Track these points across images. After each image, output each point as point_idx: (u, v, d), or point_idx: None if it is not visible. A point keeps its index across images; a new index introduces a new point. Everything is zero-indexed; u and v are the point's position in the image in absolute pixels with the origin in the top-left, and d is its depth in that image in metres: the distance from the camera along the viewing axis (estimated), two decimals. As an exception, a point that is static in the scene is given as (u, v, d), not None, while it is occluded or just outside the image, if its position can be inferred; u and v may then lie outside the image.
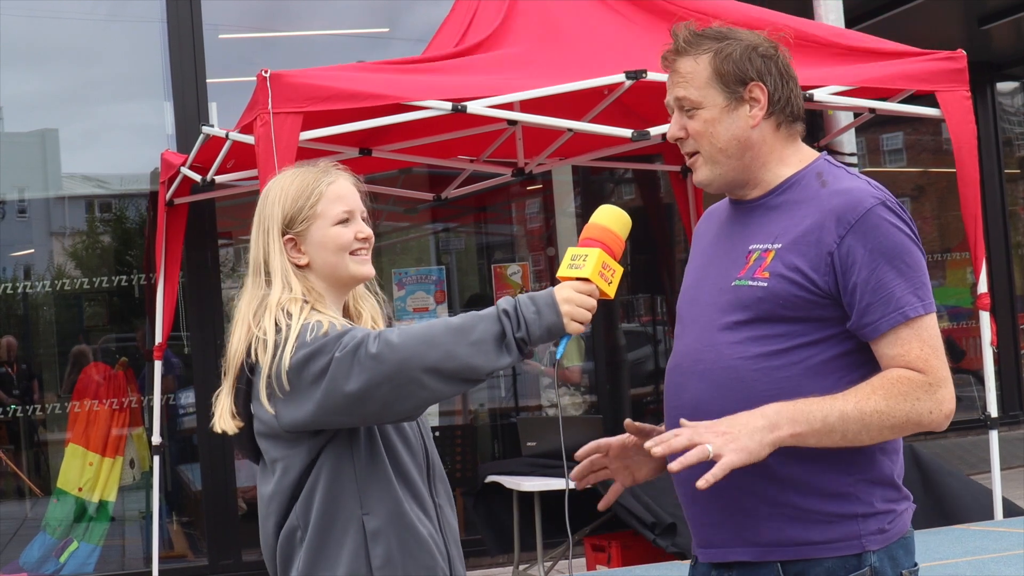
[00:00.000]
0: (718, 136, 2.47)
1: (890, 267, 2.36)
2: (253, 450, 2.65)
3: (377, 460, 2.57)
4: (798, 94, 2.52)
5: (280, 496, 2.57)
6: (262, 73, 5.00)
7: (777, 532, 2.40)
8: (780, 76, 2.49)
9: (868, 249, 2.35)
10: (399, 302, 8.56)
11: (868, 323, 2.36)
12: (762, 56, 2.48)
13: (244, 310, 2.61)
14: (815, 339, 2.40)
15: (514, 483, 6.28)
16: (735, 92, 2.45)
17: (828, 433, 2.32)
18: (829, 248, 2.37)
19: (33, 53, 8.26)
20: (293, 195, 2.65)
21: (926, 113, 6.19)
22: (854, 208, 2.38)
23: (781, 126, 2.50)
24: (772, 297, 2.40)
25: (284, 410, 2.49)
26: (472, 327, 2.41)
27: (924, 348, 2.39)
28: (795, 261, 2.39)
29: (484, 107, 5.44)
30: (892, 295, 2.35)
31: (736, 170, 2.49)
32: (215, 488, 7.78)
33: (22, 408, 8.23)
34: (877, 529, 2.42)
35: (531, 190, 9.62)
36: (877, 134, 11.70)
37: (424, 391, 2.40)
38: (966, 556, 5.07)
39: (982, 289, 6.01)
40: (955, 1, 9.92)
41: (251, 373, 2.55)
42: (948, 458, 9.70)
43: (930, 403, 2.38)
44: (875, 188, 2.44)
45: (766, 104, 2.46)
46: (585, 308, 2.44)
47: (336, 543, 2.54)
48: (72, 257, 8.73)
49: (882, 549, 2.42)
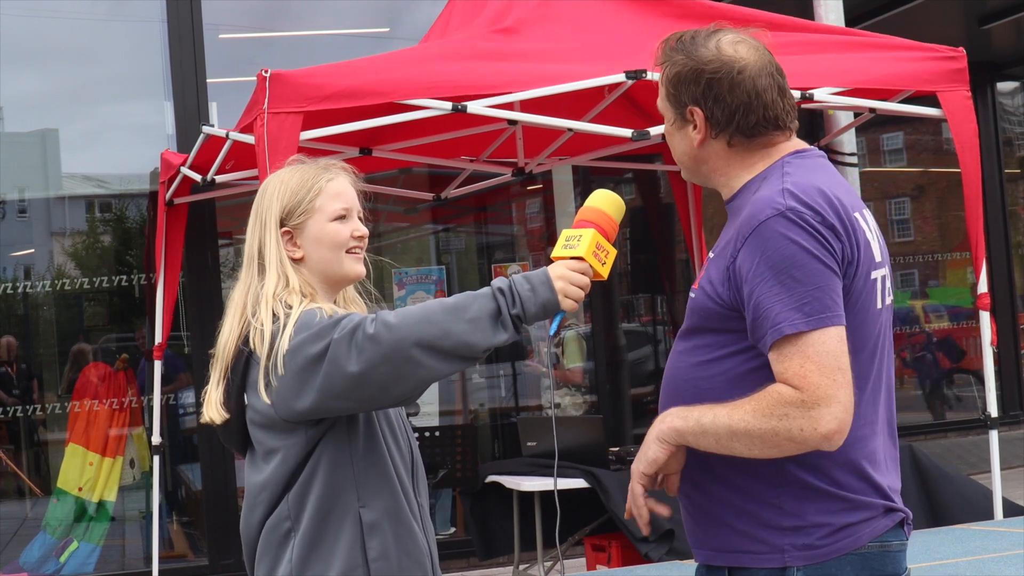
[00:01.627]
0: (674, 147, 2.53)
1: (775, 281, 2.28)
2: (241, 442, 2.64)
3: (375, 453, 2.57)
4: (758, 104, 2.44)
5: (272, 485, 2.57)
6: (262, 73, 5.00)
7: (721, 537, 2.42)
8: (723, 97, 2.43)
9: (755, 263, 2.30)
10: (399, 302, 8.56)
11: (758, 339, 2.32)
12: (707, 78, 2.43)
13: (237, 300, 2.62)
14: (736, 350, 2.38)
15: (514, 483, 6.28)
16: (680, 110, 2.48)
17: (703, 435, 2.32)
18: (728, 262, 2.35)
19: (33, 53, 8.26)
20: (293, 188, 2.66)
21: (927, 113, 6.18)
22: (750, 220, 2.33)
23: (733, 142, 2.46)
24: (698, 308, 2.42)
25: (283, 398, 2.49)
26: (467, 305, 2.43)
27: (805, 364, 2.25)
28: (711, 273, 2.40)
29: (484, 107, 5.43)
30: (771, 311, 2.27)
31: (698, 177, 2.54)
32: (215, 488, 7.78)
33: (22, 408, 8.23)
34: (804, 544, 2.36)
35: (531, 190, 9.62)
36: (877, 134, 11.69)
37: (422, 369, 2.41)
38: (966, 556, 5.06)
39: (982, 289, 6.00)
40: (955, 1, 9.92)
41: (246, 364, 2.55)
42: (948, 458, 9.70)
43: (802, 421, 2.25)
44: (786, 196, 2.34)
45: (703, 127, 2.45)
46: (579, 285, 2.46)
47: (333, 535, 2.54)
48: (72, 257, 8.73)
49: (811, 565, 2.35)
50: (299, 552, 2.54)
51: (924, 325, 11.49)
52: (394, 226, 9.44)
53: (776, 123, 2.46)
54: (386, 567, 2.55)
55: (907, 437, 8.28)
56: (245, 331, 2.57)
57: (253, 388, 2.54)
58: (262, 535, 2.59)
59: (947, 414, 11.44)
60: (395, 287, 8.62)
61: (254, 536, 2.62)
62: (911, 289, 11.64)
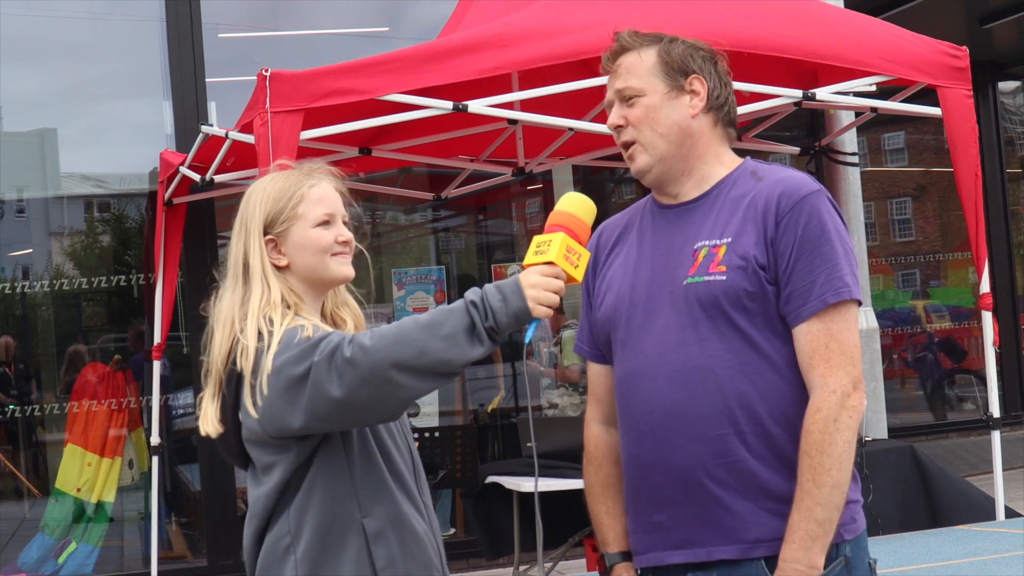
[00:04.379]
0: (659, 121, 2.53)
1: (842, 248, 2.43)
2: (241, 455, 2.64)
3: (371, 461, 2.56)
4: (734, 101, 2.60)
5: (265, 499, 2.56)
6: (262, 72, 4.99)
7: (761, 527, 2.42)
8: (719, 77, 2.58)
9: (801, 233, 2.41)
10: (399, 302, 8.54)
11: (791, 310, 2.42)
12: (703, 56, 2.57)
13: (227, 312, 2.60)
14: (779, 333, 2.42)
15: (514, 483, 6.26)
16: (676, 81, 2.53)
17: (829, 522, 2.44)
18: (771, 235, 2.42)
19: (32, 52, 8.25)
20: (275, 196, 2.65)
21: (927, 112, 6.15)
22: (791, 194, 2.44)
23: (719, 124, 2.57)
24: (732, 290, 2.41)
25: (271, 418, 2.48)
26: (442, 322, 2.40)
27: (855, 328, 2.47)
28: (748, 251, 2.42)
29: (484, 107, 5.42)
30: (838, 271, 2.41)
31: (675, 157, 2.53)
32: (214, 489, 7.76)
33: (20, 408, 8.22)
34: (850, 518, 2.45)
35: (531, 190, 9.61)
36: (878, 133, 11.68)
37: (402, 390, 2.40)
38: (967, 557, 5.05)
39: (984, 289, 5.98)
40: (956, 0, 9.90)
41: (238, 383, 2.54)
42: (950, 459, 9.69)
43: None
44: (814, 180, 2.50)
45: (705, 97, 2.54)
46: (551, 291, 2.42)
47: (337, 548, 2.53)
48: (71, 257, 8.72)
49: (855, 539, 2.46)
50: (304, 567, 2.53)
51: (925, 325, 11.48)
52: (394, 226, 9.43)
53: (735, 125, 2.62)
54: (394, 574, 2.54)
55: (908, 438, 8.26)
56: (235, 347, 2.55)
57: (243, 406, 2.54)
58: (262, 552, 2.60)
59: (948, 415, 11.43)
60: (395, 287, 8.61)
61: (250, 549, 2.63)
62: (912, 289, 11.62)
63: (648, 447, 2.49)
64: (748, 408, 2.41)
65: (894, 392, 10.65)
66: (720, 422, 2.41)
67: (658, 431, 2.46)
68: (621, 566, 2.65)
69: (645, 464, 2.50)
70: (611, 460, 2.67)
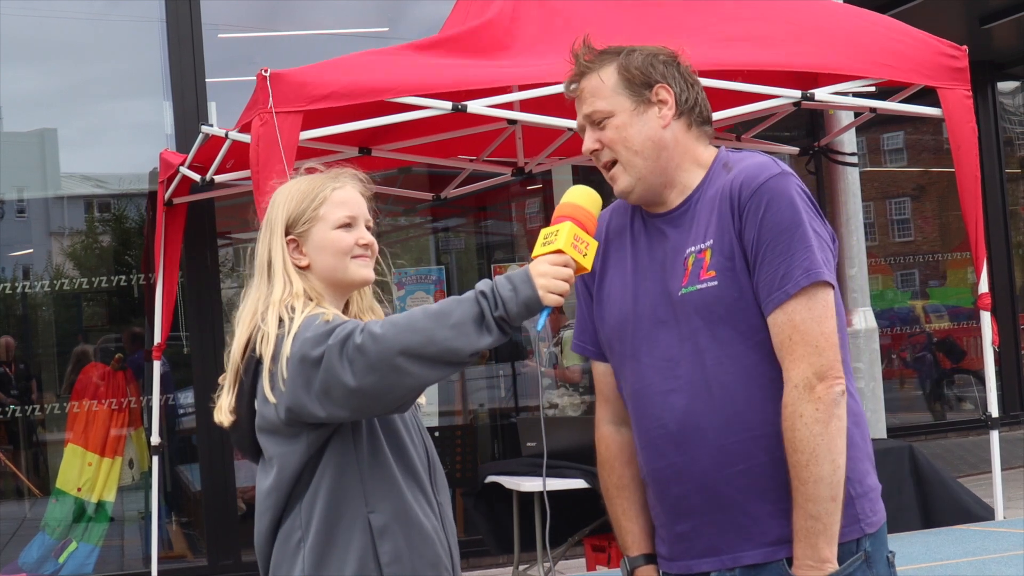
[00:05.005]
0: (632, 139, 2.51)
1: (812, 231, 2.40)
2: (253, 448, 2.65)
3: (380, 456, 2.57)
4: (704, 98, 2.57)
5: (277, 492, 2.57)
6: (262, 72, 4.99)
7: (784, 527, 2.41)
8: (684, 79, 2.55)
9: (760, 221, 2.38)
10: (399, 302, 8.55)
11: (762, 304, 2.40)
12: (663, 62, 2.54)
13: (250, 307, 2.63)
14: (757, 342, 2.42)
15: (514, 483, 6.27)
16: (641, 95, 2.51)
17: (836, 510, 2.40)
18: (737, 227, 2.41)
19: (32, 52, 8.25)
20: (298, 197, 2.68)
21: (927, 112, 6.15)
22: (750, 183, 2.41)
23: (692, 127, 2.54)
24: (725, 295, 2.41)
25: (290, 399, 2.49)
26: (451, 311, 2.41)
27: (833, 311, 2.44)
28: (731, 248, 2.41)
29: (484, 107, 5.42)
30: (805, 257, 2.38)
31: (654, 172, 2.51)
32: (214, 488, 7.76)
33: (21, 408, 8.22)
34: (869, 510, 2.45)
35: (531, 190, 9.61)
36: (878, 133, 11.68)
37: (409, 378, 2.41)
38: (967, 556, 5.05)
39: (983, 289, 5.99)
40: (956, 0, 9.91)
41: (256, 372, 2.56)
42: (949, 459, 9.69)
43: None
44: (777, 163, 2.47)
45: (674, 104, 2.51)
46: (561, 279, 2.42)
47: (343, 543, 2.54)
48: (71, 257, 8.72)
49: (875, 534, 2.45)
50: (310, 561, 2.54)
51: (924, 325, 11.48)
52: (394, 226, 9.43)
53: (710, 121, 2.58)
54: (399, 570, 2.55)
55: (907, 437, 8.27)
56: (255, 338, 2.58)
57: (261, 394, 2.55)
58: (276, 545, 2.60)
59: (947, 414, 11.43)
60: (395, 287, 8.61)
61: (263, 543, 2.63)
62: (911, 289, 11.63)
63: (665, 461, 2.49)
64: (758, 412, 2.40)
65: (893, 392, 10.66)
66: (733, 430, 2.41)
67: (673, 444, 2.47)
68: (643, 569, 2.63)
69: (664, 478, 2.51)
70: (623, 461, 2.65)
